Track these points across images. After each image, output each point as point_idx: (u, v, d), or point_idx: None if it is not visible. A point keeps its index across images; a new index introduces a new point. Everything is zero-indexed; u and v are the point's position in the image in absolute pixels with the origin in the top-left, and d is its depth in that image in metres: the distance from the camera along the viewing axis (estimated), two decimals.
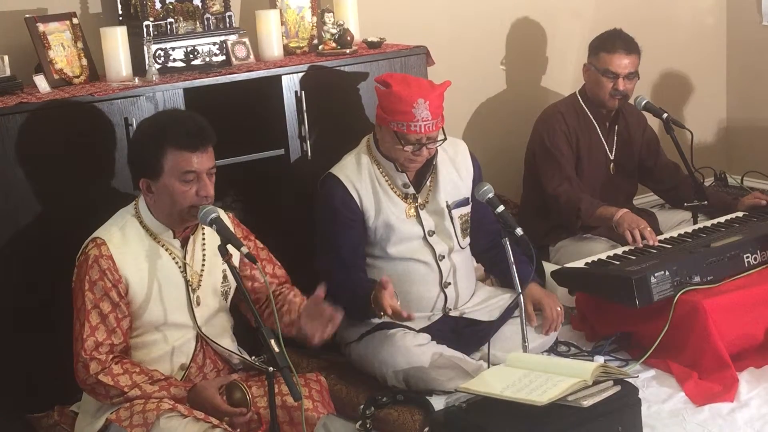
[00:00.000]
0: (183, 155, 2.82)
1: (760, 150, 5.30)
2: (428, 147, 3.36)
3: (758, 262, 3.68)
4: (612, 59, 4.15)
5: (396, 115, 3.30)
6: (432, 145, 3.37)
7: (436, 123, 3.32)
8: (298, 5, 4.03)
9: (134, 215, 2.92)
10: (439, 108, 3.34)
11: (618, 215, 3.92)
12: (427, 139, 3.33)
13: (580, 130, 4.26)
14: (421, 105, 3.28)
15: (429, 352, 3.32)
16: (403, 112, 3.29)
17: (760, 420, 3.15)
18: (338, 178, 3.43)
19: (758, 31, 5.29)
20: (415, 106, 3.28)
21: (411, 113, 3.28)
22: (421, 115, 3.28)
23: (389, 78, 3.38)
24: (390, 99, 3.33)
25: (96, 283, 2.81)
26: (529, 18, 4.84)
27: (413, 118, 3.28)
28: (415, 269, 3.45)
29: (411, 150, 3.33)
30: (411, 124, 3.28)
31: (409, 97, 3.29)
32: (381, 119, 3.38)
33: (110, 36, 3.51)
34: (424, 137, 3.31)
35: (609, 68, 4.16)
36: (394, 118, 3.31)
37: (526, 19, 4.83)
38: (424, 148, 3.35)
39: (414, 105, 3.28)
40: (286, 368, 2.55)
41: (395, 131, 3.32)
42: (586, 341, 3.79)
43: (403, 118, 3.29)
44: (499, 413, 2.83)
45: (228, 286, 3.05)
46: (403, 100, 3.29)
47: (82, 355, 2.79)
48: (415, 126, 3.29)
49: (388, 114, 3.33)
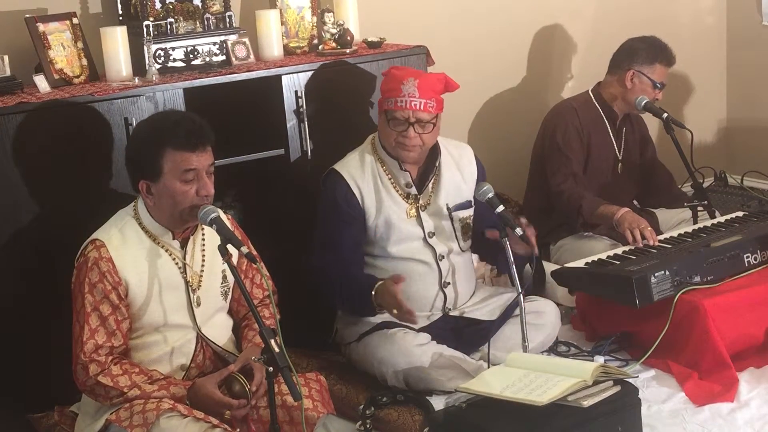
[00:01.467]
0: (182, 155, 2.82)
1: (761, 150, 5.30)
2: (416, 130, 3.35)
3: (758, 262, 3.68)
4: (666, 72, 4.24)
5: (386, 93, 3.38)
6: (420, 129, 3.36)
7: (424, 103, 3.33)
8: (298, 5, 4.03)
9: (133, 216, 2.92)
10: (430, 91, 3.35)
11: (619, 214, 3.92)
12: (415, 120, 3.33)
13: (592, 127, 4.27)
14: (410, 82, 3.33)
15: (429, 352, 3.32)
16: (392, 89, 3.35)
17: (760, 420, 3.14)
18: (341, 174, 3.43)
19: (758, 30, 5.29)
20: (404, 83, 3.34)
21: (399, 89, 3.33)
22: (408, 91, 3.32)
23: (392, 66, 3.52)
24: (386, 80, 3.43)
25: (96, 286, 2.81)
26: (530, 18, 4.84)
27: (400, 93, 3.33)
28: (414, 269, 3.45)
29: (400, 130, 3.34)
30: (397, 100, 3.33)
31: (400, 76, 3.37)
32: (379, 103, 3.45)
33: (110, 36, 3.51)
34: (410, 115, 3.32)
35: (663, 81, 4.22)
36: (385, 96, 3.38)
37: (526, 19, 4.83)
38: (411, 129, 3.34)
39: (403, 82, 3.34)
40: (286, 368, 2.55)
41: (385, 110, 3.37)
42: (586, 341, 3.78)
43: (391, 94, 3.35)
44: (499, 413, 2.83)
45: (227, 286, 3.05)
46: (394, 78, 3.38)
47: (81, 358, 2.78)
48: (401, 101, 3.32)
49: (382, 94, 3.41)
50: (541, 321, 3.55)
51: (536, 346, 3.49)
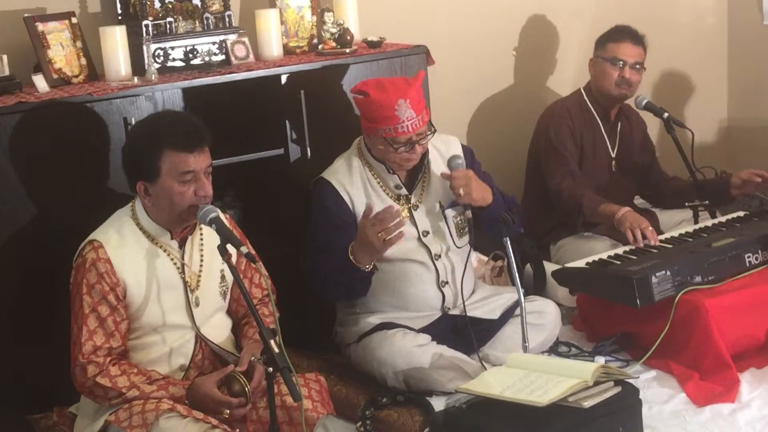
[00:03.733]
0: (180, 156, 2.81)
1: (761, 150, 5.29)
2: (420, 143, 3.36)
3: (759, 262, 3.67)
4: (619, 47, 4.22)
5: (381, 122, 3.30)
6: (423, 140, 3.36)
7: (421, 118, 3.32)
8: (298, 4, 4.02)
9: (131, 217, 2.91)
10: (420, 102, 3.34)
11: (620, 213, 3.91)
12: (417, 136, 3.33)
13: (584, 126, 4.28)
14: (402, 105, 3.28)
15: (429, 353, 3.31)
16: (387, 117, 3.29)
17: (761, 421, 3.13)
18: (330, 182, 3.43)
19: (759, 30, 5.28)
20: (397, 108, 3.28)
21: (395, 116, 3.28)
22: (405, 115, 3.28)
23: (364, 86, 3.38)
24: (370, 107, 3.33)
25: (94, 287, 2.80)
26: (530, 17, 4.83)
27: (398, 120, 3.28)
28: (411, 269, 3.44)
29: (404, 150, 3.33)
30: (398, 127, 3.29)
31: (388, 101, 3.29)
32: (368, 129, 3.38)
33: (109, 35, 3.50)
34: (413, 135, 3.31)
35: (617, 56, 4.21)
36: (380, 125, 3.31)
37: (526, 19, 4.82)
38: (417, 145, 3.34)
39: (396, 108, 3.28)
40: (285, 368, 2.54)
41: (384, 137, 3.32)
42: (587, 342, 3.78)
43: (388, 123, 3.29)
44: (499, 414, 2.82)
45: (226, 286, 3.04)
46: (383, 106, 3.29)
47: (79, 359, 2.78)
48: (402, 127, 3.29)
49: (373, 123, 3.33)
50: (542, 321, 3.54)
51: (537, 347, 3.49)
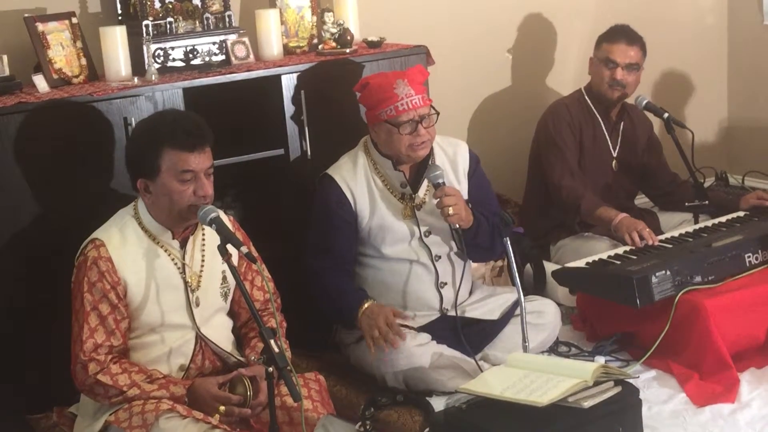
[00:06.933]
0: (180, 155, 2.81)
1: (762, 150, 5.29)
2: (424, 126, 3.35)
3: (759, 262, 3.68)
4: (612, 48, 4.21)
5: (381, 104, 3.33)
6: (427, 123, 3.36)
7: (422, 98, 3.34)
8: (298, 5, 4.02)
9: (133, 216, 2.91)
10: (420, 85, 3.37)
11: (616, 220, 3.92)
12: (419, 117, 3.33)
13: (584, 123, 4.28)
14: (401, 84, 3.32)
15: (429, 353, 3.31)
16: (387, 97, 3.32)
17: (761, 421, 3.14)
18: (333, 179, 3.43)
19: (759, 30, 5.28)
20: (396, 86, 3.32)
21: (394, 95, 3.31)
22: (404, 92, 3.31)
23: (364, 79, 3.46)
24: (371, 93, 3.38)
25: (95, 285, 2.81)
26: (530, 17, 4.83)
27: (398, 98, 3.31)
28: (410, 269, 3.45)
29: (408, 133, 3.33)
30: (398, 105, 3.31)
31: (387, 82, 3.34)
32: (371, 118, 3.41)
33: (109, 35, 3.50)
34: (415, 114, 3.32)
35: (609, 56, 4.21)
36: (380, 107, 3.34)
37: (526, 19, 4.82)
38: (420, 127, 3.34)
39: (394, 86, 3.32)
40: (285, 369, 2.54)
41: (386, 120, 3.33)
42: (587, 341, 3.78)
43: (388, 102, 3.32)
44: (499, 414, 2.82)
45: (227, 286, 3.04)
46: (382, 87, 3.34)
47: (81, 357, 2.78)
48: (403, 104, 3.31)
49: (375, 109, 3.36)
50: (542, 321, 3.54)
51: (536, 346, 3.49)
